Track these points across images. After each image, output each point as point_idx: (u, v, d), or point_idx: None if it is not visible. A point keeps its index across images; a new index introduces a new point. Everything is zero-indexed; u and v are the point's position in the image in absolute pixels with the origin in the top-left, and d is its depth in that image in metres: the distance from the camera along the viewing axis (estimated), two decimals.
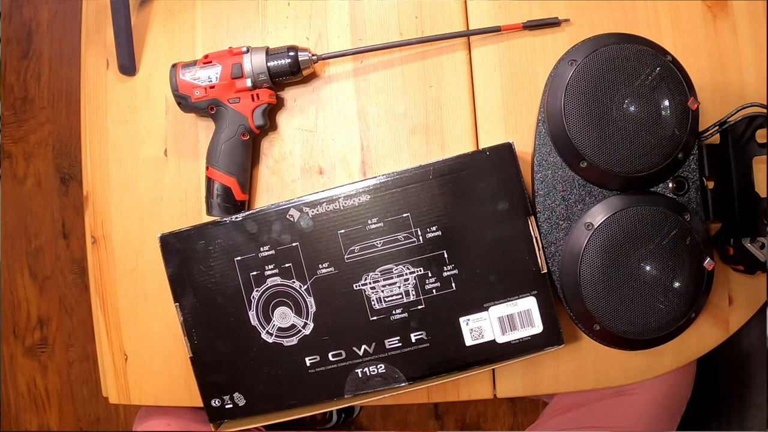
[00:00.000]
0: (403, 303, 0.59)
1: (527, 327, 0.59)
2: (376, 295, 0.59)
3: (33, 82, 1.46)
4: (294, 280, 0.59)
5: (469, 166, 0.58)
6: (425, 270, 0.59)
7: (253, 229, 0.59)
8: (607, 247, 0.56)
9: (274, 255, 0.59)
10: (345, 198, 0.59)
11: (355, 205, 0.59)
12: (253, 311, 0.60)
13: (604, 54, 0.56)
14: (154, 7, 0.73)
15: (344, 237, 0.59)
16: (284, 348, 0.60)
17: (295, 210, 0.59)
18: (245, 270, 0.60)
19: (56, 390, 1.43)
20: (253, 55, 0.65)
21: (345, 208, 0.59)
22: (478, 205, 0.58)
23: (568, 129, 0.57)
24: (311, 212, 0.59)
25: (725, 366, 1.07)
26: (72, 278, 1.42)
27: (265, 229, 0.59)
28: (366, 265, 0.59)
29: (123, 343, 0.71)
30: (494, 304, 0.59)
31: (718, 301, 0.65)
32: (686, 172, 0.59)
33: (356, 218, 0.59)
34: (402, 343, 0.60)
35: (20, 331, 1.44)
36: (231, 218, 0.60)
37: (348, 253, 0.59)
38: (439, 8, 0.69)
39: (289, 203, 0.59)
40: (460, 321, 0.59)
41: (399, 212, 0.59)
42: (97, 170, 0.73)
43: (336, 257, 0.59)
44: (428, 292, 0.59)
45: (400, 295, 0.59)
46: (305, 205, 0.59)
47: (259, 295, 0.60)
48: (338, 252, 0.59)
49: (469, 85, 0.68)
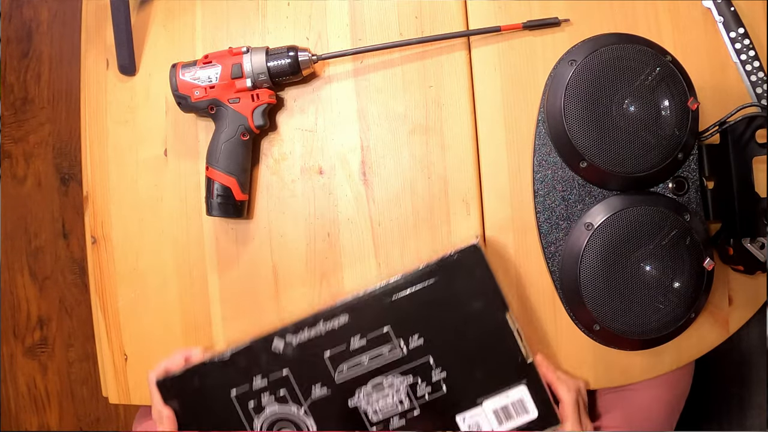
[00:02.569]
0: (398, 412, 0.60)
1: (522, 414, 0.60)
2: (372, 407, 0.60)
3: (33, 82, 1.45)
4: (291, 405, 0.61)
5: (439, 272, 0.59)
6: (414, 378, 0.60)
7: (243, 363, 0.61)
8: (607, 247, 0.57)
9: (267, 384, 0.61)
10: (324, 321, 0.60)
11: (335, 328, 0.60)
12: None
13: (604, 54, 0.56)
14: (154, 7, 0.73)
15: (331, 359, 0.60)
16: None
17: (279, 340, 0.60)
18: (243, 402, 0.61)
19: (56, 390, 1.43)
20: (253, 55, 0.65)
21: (327, 331, 0.60)
22: (456, 307, 0.59)
23: (568, 129, 0.57)
24: (295, 340, 0.60)
25: (725, 366, 1.07)
26: (72, 278, 1.42)
27: (254, 362, 0.61)
28: (357, 381, 0.60)
29: (123, 343, 0.71)
30: (487, 397, 0.60)
31: (718, 301, 0.65)
32: (686, 172, 0.59)
33: (339, 339, 0.60)
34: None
35: (20, 331, 1.44)
36: (219, 357, 0.61)
37: (337, 372, 0.60)
38: (439, 8, 0.69)
39: (272, 333, 0.61)
40: (457, 419, 0.60)
41: (379, 327, 0.60)
42: (97, 170, 0.73)
43: (327, 378, 0.60)
44: (421, 398, 0.60)
45: (394, 405, 0.60)
46: (289, 332, 0.60)
47: (261, 423, 0.61)
48: (327, 373, 0.60)
49: (469, 85, 0.68)
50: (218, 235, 0.70)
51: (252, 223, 0.70)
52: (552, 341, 0.66)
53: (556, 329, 0.66)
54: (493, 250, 0.66)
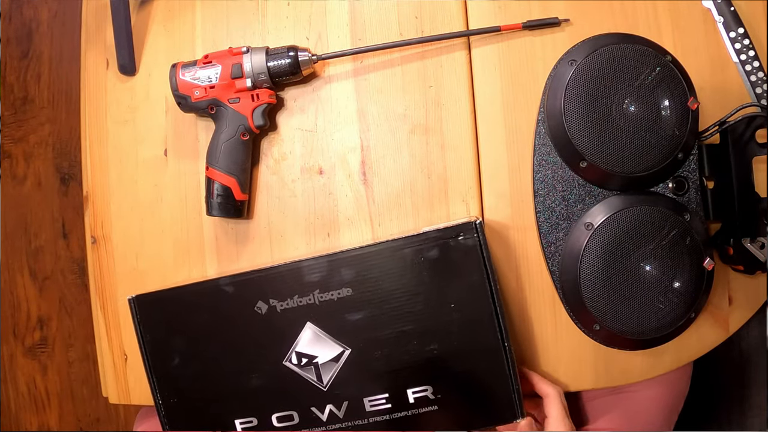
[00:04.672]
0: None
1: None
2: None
3: (33, 82, 1.45)
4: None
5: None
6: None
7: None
8: (607, 247, 0.56)
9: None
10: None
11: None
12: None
13: (604, 54, 0.56)
14: (154, 7, 0.73)
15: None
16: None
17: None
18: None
19: (56, 390, 1.43)
20: (253, 55, 0.65)
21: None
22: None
23: (568, 129, 0.57)
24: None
25: (725, 366, 1.07)
26: (72, 278, 1.42)
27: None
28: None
29: (123, 343, 0.71)
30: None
31: (718, 301, 0.65)
32: (686, 172, 0.59)
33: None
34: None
35: (20, 331, 1.44)
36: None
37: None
38: (439, 8, 0.69)
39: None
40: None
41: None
42: (97, 170, 0.73)
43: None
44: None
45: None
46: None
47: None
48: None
49: (469, 85, 0.68)
50: (218, 235, 0.70)
51: (252, 223, 0.70)
52: (552, 341, 0.66)
53: (556, 329, 0.66)
54: (493, 250, 0.66)
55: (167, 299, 0.63)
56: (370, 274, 0.59)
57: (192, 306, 0.62)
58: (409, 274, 0.59)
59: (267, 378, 0.61)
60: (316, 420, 0.61)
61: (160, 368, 0.63)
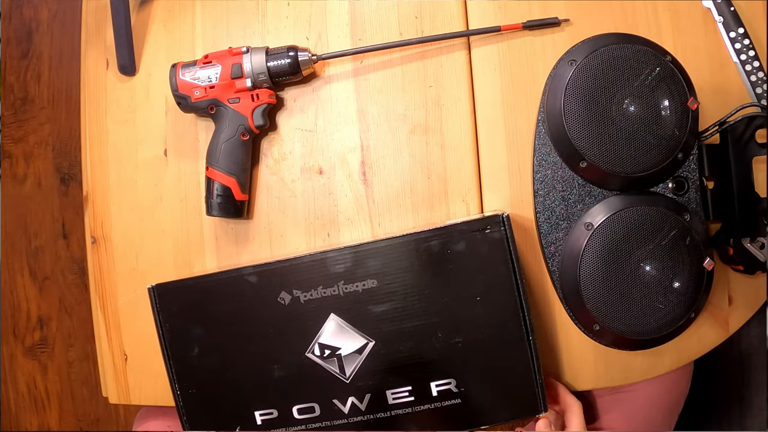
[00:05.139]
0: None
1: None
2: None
3: (33, 82, 1.45)
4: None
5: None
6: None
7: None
8: (607, 247, 0.56)
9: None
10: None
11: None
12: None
13: (604, 54, 0.56)
14: (154, 7, 0.73)
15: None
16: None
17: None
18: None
19: (56, 390, 1.43)
20: (252, 55, 0.65)
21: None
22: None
23: (568, 129, 0.57)
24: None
25: (725, 366, 1.07)
26: (72, 278, 1.42)
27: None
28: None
29: (123, 343, 0.71)
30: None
31: (717, 301, 0.65)
32: (686, 172, 0.59)
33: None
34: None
35: (20, 331, 1.44)
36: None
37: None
38: (439, 8, 0.69)
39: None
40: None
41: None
42: (97, 170, 0.73)
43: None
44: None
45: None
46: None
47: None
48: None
49: (469, 85, 0.68)
50: (218, 235, 0.70)
51: (252, 223, 0.70)
52: (552, 341, 0.66)
53: (556, 329, 0.66)
54: None
55: (188, 288, 0.62)
56: (395, 265, 0.58)
57: (213, 295, 0.61)
58: (435, 267, 0.58)
59: (289, 369, 0.60)
60: (337, 412, 0.60)
61: (179, 358, 0.61)
